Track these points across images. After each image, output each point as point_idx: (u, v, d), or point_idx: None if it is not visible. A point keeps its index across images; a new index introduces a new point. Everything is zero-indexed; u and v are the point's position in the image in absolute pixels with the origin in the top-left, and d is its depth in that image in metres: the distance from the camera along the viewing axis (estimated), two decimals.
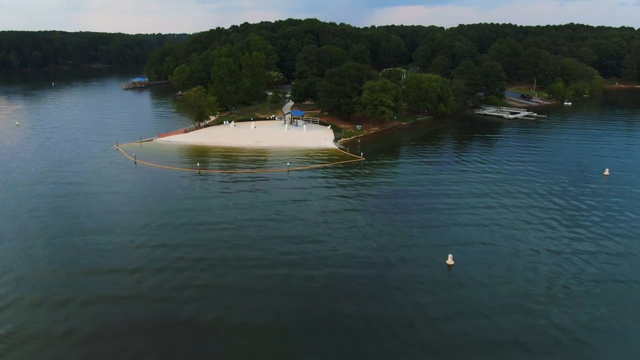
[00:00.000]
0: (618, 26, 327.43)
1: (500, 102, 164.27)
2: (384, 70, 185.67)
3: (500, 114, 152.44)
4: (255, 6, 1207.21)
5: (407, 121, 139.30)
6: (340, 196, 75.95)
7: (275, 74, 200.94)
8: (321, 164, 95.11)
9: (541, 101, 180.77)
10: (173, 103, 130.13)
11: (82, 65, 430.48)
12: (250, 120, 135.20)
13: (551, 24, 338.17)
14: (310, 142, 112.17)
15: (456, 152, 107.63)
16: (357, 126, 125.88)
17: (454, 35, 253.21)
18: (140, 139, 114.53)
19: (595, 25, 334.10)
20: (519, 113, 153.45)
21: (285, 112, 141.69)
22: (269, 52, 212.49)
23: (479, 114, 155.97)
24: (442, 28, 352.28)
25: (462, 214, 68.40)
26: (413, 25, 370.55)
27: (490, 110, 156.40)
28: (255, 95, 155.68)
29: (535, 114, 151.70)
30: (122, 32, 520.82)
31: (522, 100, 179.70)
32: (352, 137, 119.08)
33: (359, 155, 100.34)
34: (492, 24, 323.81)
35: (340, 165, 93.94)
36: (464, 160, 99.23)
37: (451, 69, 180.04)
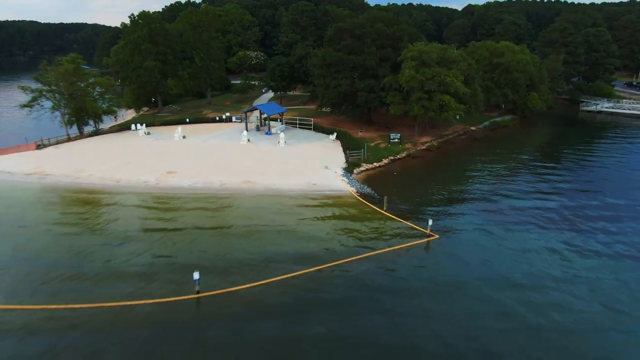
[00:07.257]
0: None
1: (613, 93, 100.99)
2: None
3: (634, 112, 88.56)
4: None
5: (478, 125, 75.60)
6: None
7: (254, 54, 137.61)
8: (314, 264, 31.19)
9: None
10: (22, 88, 66.38)
11: (44, 56, 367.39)
12: (186, 122, 72.41)
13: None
14: (293, 174, 48.35)
15: None
16: (392, 135, 61.62)
17: (499, 8, 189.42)
18: None
19: None
20: None
21: (248, 109, 76.68)
22: (247, 25, 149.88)
23: (589, 111, 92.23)
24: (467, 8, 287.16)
25: None
26: (431, 6, 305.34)
27: (607, 106, 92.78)
28: (207, 81, 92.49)
29: None
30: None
31: (630, 91, 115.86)
32: (385, 161, 55.43)
33: (426, 228, 35.66)
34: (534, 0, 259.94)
35: (373, 267, 30.04)
36: None
37: (530, 40, 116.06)
